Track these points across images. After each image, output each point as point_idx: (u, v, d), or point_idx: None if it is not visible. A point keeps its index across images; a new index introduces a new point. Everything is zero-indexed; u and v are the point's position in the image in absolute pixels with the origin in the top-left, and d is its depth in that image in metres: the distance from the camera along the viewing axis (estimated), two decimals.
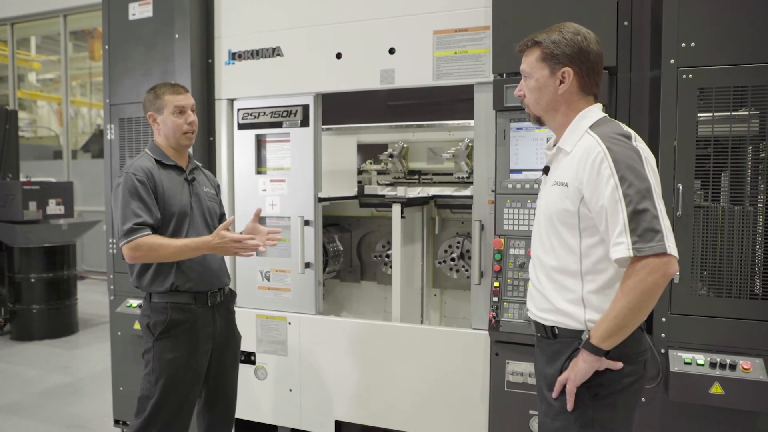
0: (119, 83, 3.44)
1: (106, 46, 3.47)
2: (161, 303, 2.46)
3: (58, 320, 6.07)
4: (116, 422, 3.57)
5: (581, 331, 1.75)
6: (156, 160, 2.51)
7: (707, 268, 2.37)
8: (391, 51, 2.90)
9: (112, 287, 3.50)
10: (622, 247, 1.61)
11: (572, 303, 1.76)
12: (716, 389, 2.28)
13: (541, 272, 1.85)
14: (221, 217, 2.75)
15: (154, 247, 2.35)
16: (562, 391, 1.77)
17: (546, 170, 1.90)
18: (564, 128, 1.83)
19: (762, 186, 2.31)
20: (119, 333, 3.48)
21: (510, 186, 2.63)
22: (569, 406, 1.74)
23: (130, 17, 3.39)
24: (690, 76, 2.35)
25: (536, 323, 1.89)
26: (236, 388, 2.73)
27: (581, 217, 1.73)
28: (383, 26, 2.91)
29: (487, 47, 2.73)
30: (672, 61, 2.37)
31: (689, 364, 2.33)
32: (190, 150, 2.71)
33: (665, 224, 1.62)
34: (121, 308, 3.40)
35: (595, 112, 1.82)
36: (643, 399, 2.28)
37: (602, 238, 1.71)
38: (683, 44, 2.36)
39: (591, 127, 1.76)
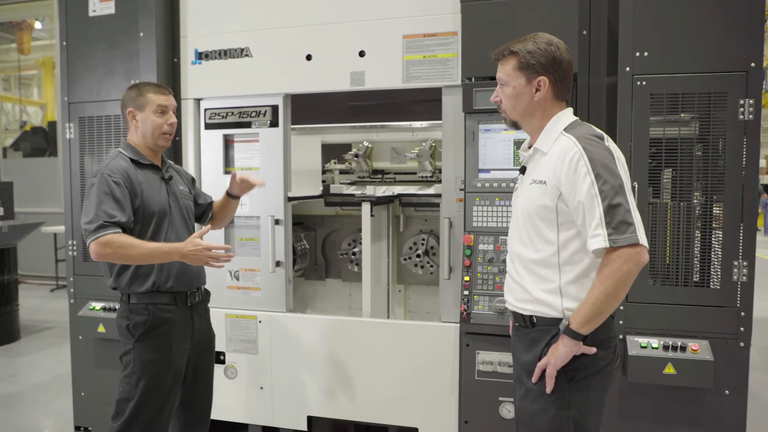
0: (78, 81, 3.36)
1: (64, 43, 3.39)
2: (140, 304, 2.45)
3: None
4: (77, 429, 3.49)
5: (559, 320, 1.89)
6: (132, 160, 2.48)
7: (657, 260, 2.59)
8: (362, 54, 2.99)
9: (72, 290, 3.42)
10: (599, 238, 1.76)
11: (550, 293, 1.90)
12: (669, 370, 2.49)
13: (520, 265, 1.98)
14: (210, 205, 2.78)
15: (124, 246, 2.30)
16: (541, 376, 1.90)
17: (523, 170, 2.04)
18: (539, 131, 1.97)
19: (700, 183, 2.54)
20: (80, 337, 3.41)
21: (479, 185, 2.77)
22: (548, 389, 1.87)
23: (90, 13, 3.32)
24: (643, 83, 2.55)
25: (515, 313, 2.02)
26: (212, 387, 2.75)
27: (559, 212, 1.86)
28: (353, 29, 3.00)
29: (455, 52, 2.86)
30: (627, 68, 2.57)
31: (645, 348, 2.53)
32: None
33: (636, 217, 1.78)
34: (84, 311, 3.33)
35: (568, 115, 1.97)
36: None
37: (578, 232, 1.85)
38: (637, 53, 2.55)
39: (565, 129, 1.90)
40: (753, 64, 2.46)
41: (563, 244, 1.88)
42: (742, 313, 2.49)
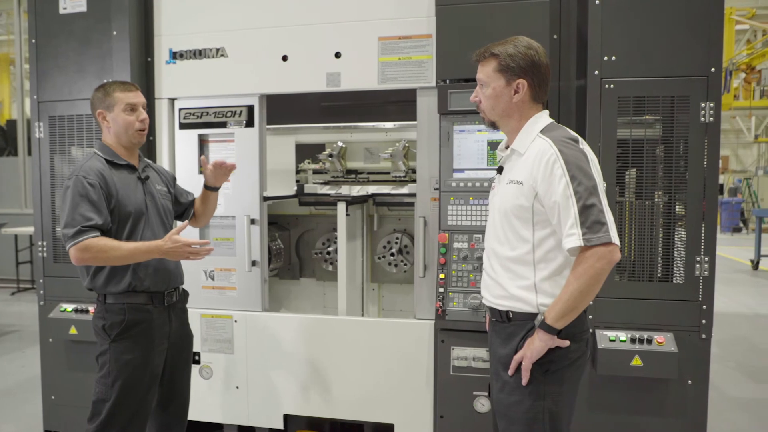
0: (48, 80, 3.32)
1: (33, 40, 3.34)
2: (117, 304, 2.44)
3: None
4: None
5: (534, 315, 1.96)
6: (107, 161, 2.47)
7: (624, 256, 2.69)
8: (337, 55, 3.03)
9: (42, 292, 3.36)
10: (574, 237, 1.83)
11: (525, 289, 1.97)
12: (636, 362, 2.60)
13: (496, 262, 2.05)
14: (191, 204, 2.77)
15: (104, 249, 2.31)
16: (517, 369, 1.97)
17: (500, 170, 2.10)
18: (517, 132, 2.04)
19: (664, 182, 2.65)
20: (50, 340, 3.36)
21: (453, 184, 2.84)
22: (524, 381, 1.94)
23: (61, 11, 3.28)
24: (611, 86, 2.65)
25: (491, 309, 2.09)
26: (189, 388, 2.74)
27: (535, 211, 1.93)
28: (330, 30, 3.03)
29: (430, 54, 2.92)
30: (596, 72, 2.66)
31: (613, 341, 2.63)
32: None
33: (609, 217, 1.86)
34: (54, 313, 3.28)
35: (545, 118, 2.04)
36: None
37: (553, 231, 1.92)
38: (605, 57, 2.65)
39: (542, 131, 1.98)
40: (713, 69, 2.58)
41: (538, 242, 1.94)
42: (704, 307, 2.61)
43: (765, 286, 9.15)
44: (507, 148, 2.09)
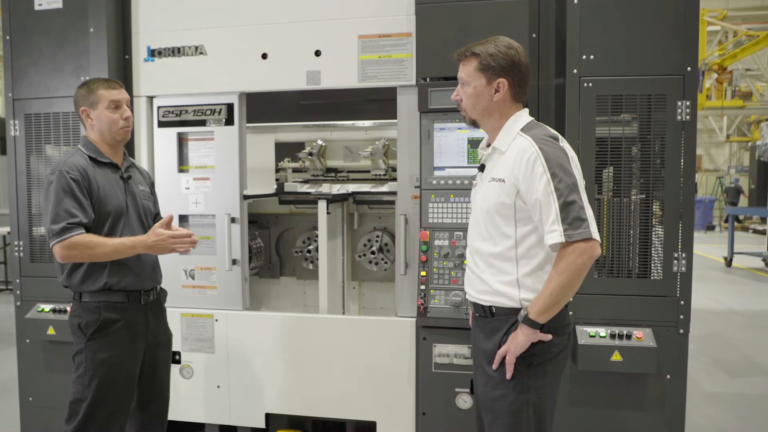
0: (23, 77, 3.26)
1: (7, 37, 3.28)
2: (93, 302, 2.42)
3: None
4: None
5: (517, 309, 1.99)
6: (90, 158, 2.45)
7: (603, 253, 2.72)
8: (317, 53, 3.02)
9: (18, 292, 3.31)
10: (555, 234, 1.86)
11: (508, 285, 2.00)
12: (616, 357, 2.63)
13: (479, 258, 2.07)
14: (156, 217, 2.71)
15: (90, 246, 2.31)
16: (501, 363, 1.99)
17: (482, 168, 2.12)
18: (497, 130, 2.06)
19: (641, 180, 2.69)
20: (27, 340, 3.30)
21: (434, 182, 2.85)
22: (508, 375, 1.97)
23: (36, 7, 3.22)
24: (590, 84, 2.68)
25: (475, 304, 2.11)
26: (169, 387, 2.72)
27: (517, 208, 1.96)
28: (309, 29, 3.02)
29: (410, 52, 2.93)
30: (575, 71, 2.69)
31: (593, 336, 2.67)
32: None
33: (589, 213, 1.89)
34: (32, 314, 3.23)
35: (525, 116, 2.07)
36: None
37: (535, 227, 1.95)
38: (584, 56, 2.68)
39: (522, 130, 2.00)
40: (689, 68, 2.62)
41: (520, 238, 1.97)
42: (682, 302, 2.66)
43: (738, 283, 9.33)
44: (488, 146, 2.11)
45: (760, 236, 15.59)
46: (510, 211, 1.97)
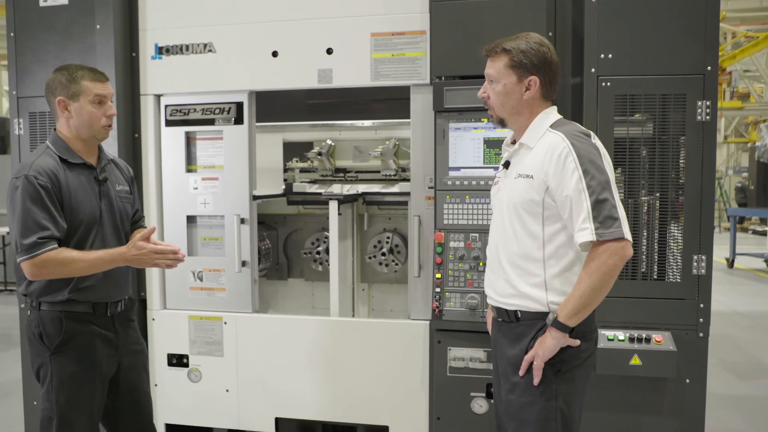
0: (28, 74, 3.20)
1: (12, 33, 3.21)
2: (53, 311, 2.20)
3: None
4: None
5: (543, 313, 1.93)
6: (61, 159, 2.21)
7: None
8: (329, 51, 2.96)
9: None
10: (586, 232, 1.81)
11: (535, 287, 1.93)
12: (635, 361, 2.58)
13: (504, 259, 2.00)
14: (135, 214, 2.52)
15: (65, 263, 2.10)
16: (528, 369, 1.93)
17: (506, 164, 2.06)
18: (525, 128, 2.00)
19: (661, 181, 2.64)
20: None
21: (449, 183, 2.80)
22: (536, 381, 1.91)
23: (41, 3, 3.16)
24: (608, 84, 2.64)
25: (497, 308, 2.05)
26: (150, 400, 2.55)
27: (545, 206, 1.90)
28: (321, 26, 2.96)
29: (424, 51, 2.88)
30: (593, 70, 2.65)
31: (612, 340, 2.62)
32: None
33: (621, 213, 1.84)
34: None
35: (554, 114, 2.02)
36: None
37: (564, 226, 1.90)
38: (602, 55, 2.64)
39: (552, 126, 1.95)
40: (709, 68, 2.58)
41: (548, 238, 1.92)
42: (701, 305, 2.62)
43: (741, 284, 9.32)
44: (513, 143, 2.06)
45: (761, 237, 15.60)
46: (538, 208, 1.91)
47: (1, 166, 8.92)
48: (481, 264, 2.73)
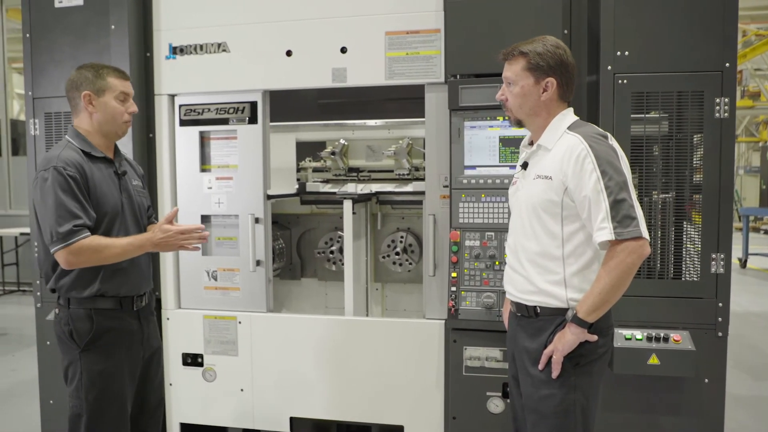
0: (44, 75, 3.22)
1: (27, 35, 3.23)
2: (83, 309, 2.26)
3: None
4: None
5: (563, 309, 1.96)
6: (83, 152, 2.28)
7: None
8: (343, 50, 2.96)
9: (39, 293, 3.26)
10: (605, 231, 1.84)
11: (555, 284, 1.97)
12: (653, 360, 2.56)
13: (524, 257, 2.04)
14: (148, 210, 2.57)
15: (98, 249, 2.16)
16: (548, 363, 1.97)
17: (524, 165, 2.08)
18: (542, 129, 2.04)
19: (678, 179, 2.62)
20: (48, 342, 3.26)
21: (465, 181, 2.79)
22: (555, 374, 1.95)
23: (57, 4, 3.18)
24: (624, 81, 2.62)
25: (517, 304, 2.08)
26: (163, 396, 2.59)
27: (564, 206, 1.94)
28: (335, 25, 2.96)
29: (438, 49, 2.87)
30: (609, 67, 2.63)
31: (629, 339, 2.60)
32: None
33: (639, 212, 1.87)
34: (52, 315, 3.16)
35: (571, 115, 2.06)
36: None
37: (582, 225, 1.93)
38: (618, 53, 2.62)
39: (569, 128, 1.99)
40: (727, 64, 2.56)
41: (567, 237, 1.95)
42: (720, 304, 2.59)
43: (754, 284, 9.25)
44: (531, 144, 2.09)
45: None
46: (557, 208, 1.95)
47: (15, 168, 9.02)
48: (497, 263, 2.72)
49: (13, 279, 8.60)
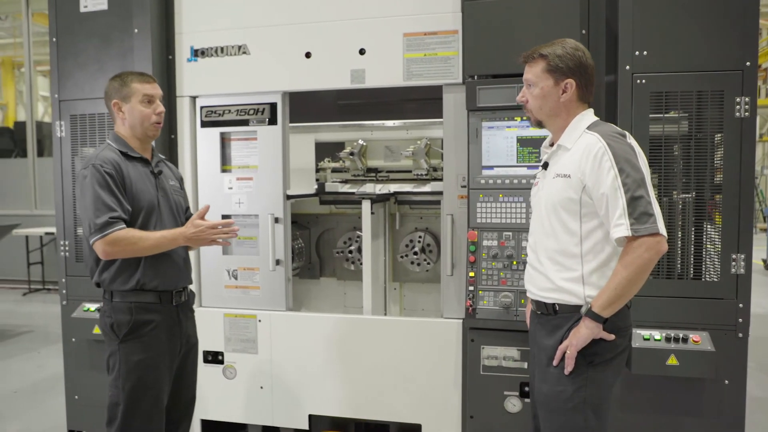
0: (69, 78, 3.29)
1: (54, 39, 3.31)
2: (124, 302, 2.37)
3: None
4: None
5: (581, 307, 1.98)
6: (121, 152, 2.41)
7: None
8: (362, 51, 2.99)
9: (64, 291, 3.34)
10: (622, 228, 1.86)
11: (573, 281, 1.99)
12: (672, 361, 2.55)
13: (543, 255, 2.06)
14: (186, 212, 2.67)
15: (133, 241, 2.28)
16: (562, 359, 1.98)
17: (545, 166, 2.11)
18: (562, 130, 2.06)
19: (698, 179, 2.60)
20: (73, 339, 3.33)
21: (482, 181, 2.80)
22: (568, 369, 1.96)
23: (82, 9, 3.25)
24: (643, 81, 2.61)
25: (537, 302, 2.10)
26: (195, 391, 2.66)
27: (582, 204, 1.96)
28: (353, 27, 2.99)
29: (456, 50, 2.88)
30: (627, 67, 2.62)
31: (648, 340, 2.59)
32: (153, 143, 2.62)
33: (656, 209, 1.89)
34: (77, 313, 3.26)
35: (590, 115, 2.08)
36: None
37: (600, 223, 1.95)
38: (637, 52, 2.61)
39: (588, 128, 2.01)
40: (748, 63, 2.54)
41: (586, 234, 1.97)
42: (741, 305, 2.57)
43: None
44: (551, 145, 2.12)
45: None
46: (576, 206, 1.97)
47: (40, 169, 9.20)
48: (514, 263, 2.73)
49: (39, 278, 8.78)
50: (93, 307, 3.24)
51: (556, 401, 2.00)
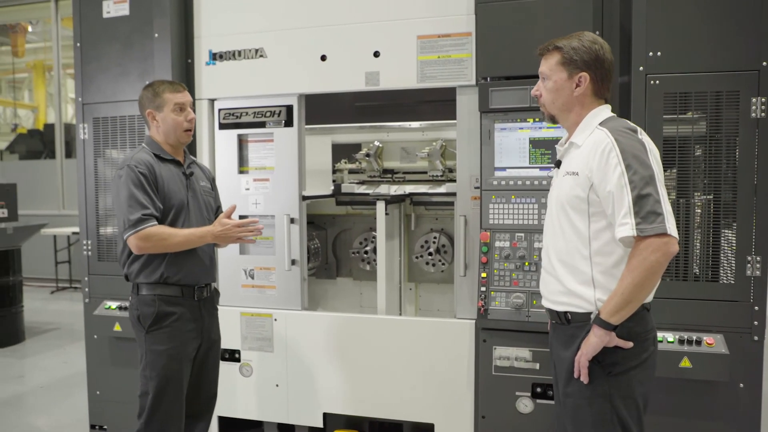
0: (93, 82, 3.39)
1: (78, 44, 3.41)
2: (149, 295, 2.51)
3: (4, 328, 5.79)
4: (92, 427, 3.50)
5: (592, 314, 1.92)
6: (155, 155, 2.57)
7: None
8: (376, 54, 3.02)
9: (87, 290, 3.43)
10: (626, 227, 1.80)
11: (583, 284, 1.94)
12: (685, 363, 2.54)
13: (554, 257, 2.02)
14: (217, 211, 2.79)
15: (164, 237, 2.43)
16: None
17: (558, 164, 2.09)
18: (576, 126, 2.02)
19: (713, 180, 2.58)
20: (95, 336, 3.42)
21: (495, 183, 2.81)
22: (582, 379, 1.91)
23: (105, 15, 3.34)
24: (657, 82, 2.60)
25: (550, 311, 2.07)
26: (216, 388, 2.77)
27: (590, 202, 1.91)
28: (368, 30, 3.03)
29: (469, 52, 2.90)
30: (641, 68, 2.61)
31: (661, 342, 2.56)
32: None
33: (666, 208, 1.81)
34: (99, 311, 3.35)
35: (606, 111, 2.02)
36: None
37: (609, 223, 1.89)
38: (650, 53, 2.60)
39: (600, 124, 1.95)
40: (765, 63, 2.51)
41: (594, 234, 1.92)
42: (756, 308, 2.54)
43: None
44: (566, 142, 2.08)
45: None
46: (583, 204, 1.92)
47: (68, 170, 9.41)
48: (526, 264, 2.73)
49: (66, 276, 8.98)
50: (114, 305, 3.32)
51: (583, 415, 1.93)
